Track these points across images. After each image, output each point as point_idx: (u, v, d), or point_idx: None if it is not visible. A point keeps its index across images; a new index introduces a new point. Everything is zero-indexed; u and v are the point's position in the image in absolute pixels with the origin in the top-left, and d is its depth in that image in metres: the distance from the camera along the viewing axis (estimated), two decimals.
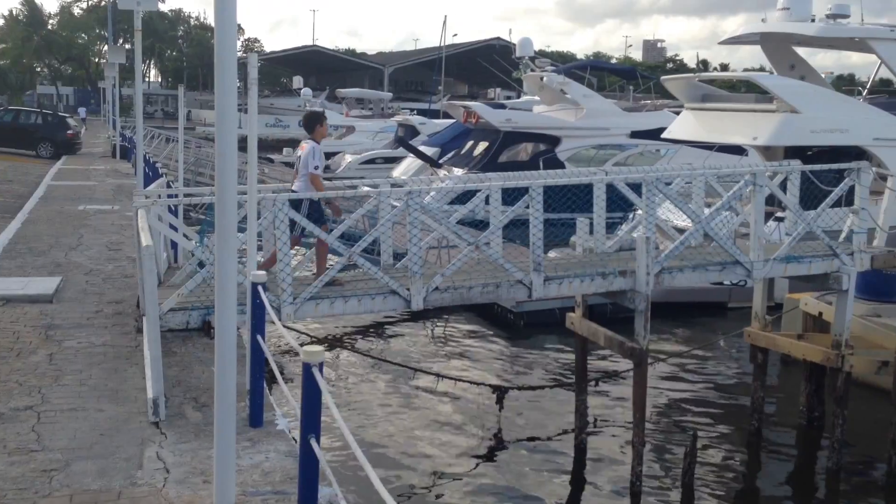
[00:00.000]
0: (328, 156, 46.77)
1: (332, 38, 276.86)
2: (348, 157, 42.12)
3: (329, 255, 8.77)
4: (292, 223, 8.07)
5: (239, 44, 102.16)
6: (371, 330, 15.54)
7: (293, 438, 5.55)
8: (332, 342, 14.48)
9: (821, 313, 11.89)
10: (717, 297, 17.57)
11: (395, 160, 35.69)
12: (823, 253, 9.81)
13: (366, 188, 9.96)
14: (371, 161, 40.15)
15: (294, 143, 56.22)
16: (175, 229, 9.67)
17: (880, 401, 10.31)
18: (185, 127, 19.03)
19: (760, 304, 11.12)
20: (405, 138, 36.03)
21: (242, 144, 4.95)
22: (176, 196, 10.62)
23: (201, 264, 8.18)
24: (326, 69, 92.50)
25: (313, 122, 9.07)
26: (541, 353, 14.53)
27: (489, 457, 10.25)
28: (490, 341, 15.31)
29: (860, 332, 11.21)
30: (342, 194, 9.96)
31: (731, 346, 14.68)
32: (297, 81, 69.24)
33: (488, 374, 13.33)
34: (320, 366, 3.86)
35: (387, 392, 12.23)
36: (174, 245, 10.36)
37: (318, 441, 3.98)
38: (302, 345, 5.89)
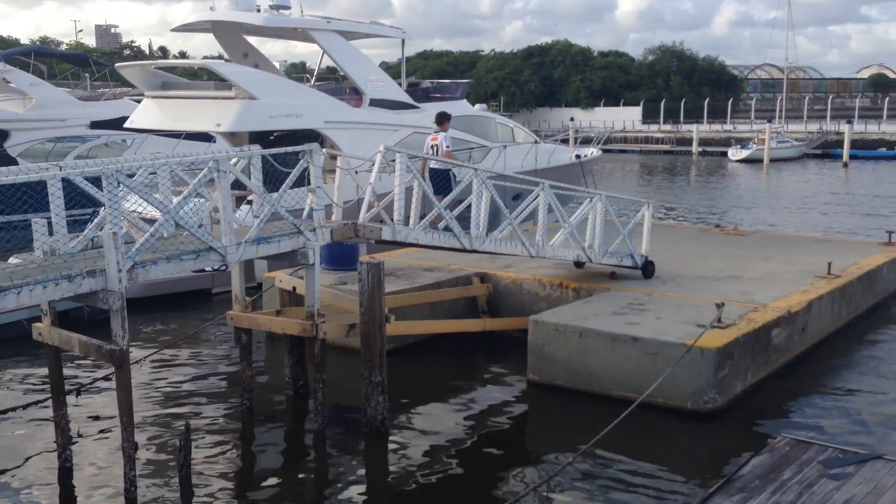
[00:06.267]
0: None
1: None
2: None
3: None
4: None
5: None
6: None
7: None
8: None
9: (294, 288, 12.65)
10: (200, 284, 17.67)
11: None
12: (290, 231, 10.36)
13: None
14: None
15: None
16: None
17: (353, 360, 11.35)
18: None
19: (239, 287, 11.37)
20: None
21: None
22: None
23: None
24: None
25: (443, 119, 13.89)
26: (10, 372, 13.00)
27: None
28: None
29: (330, 300, 12.20)
30: None
31: (217, 331, 14.86)
32: None
33: None
34: None
35: None
36: None
37: None
38: None
